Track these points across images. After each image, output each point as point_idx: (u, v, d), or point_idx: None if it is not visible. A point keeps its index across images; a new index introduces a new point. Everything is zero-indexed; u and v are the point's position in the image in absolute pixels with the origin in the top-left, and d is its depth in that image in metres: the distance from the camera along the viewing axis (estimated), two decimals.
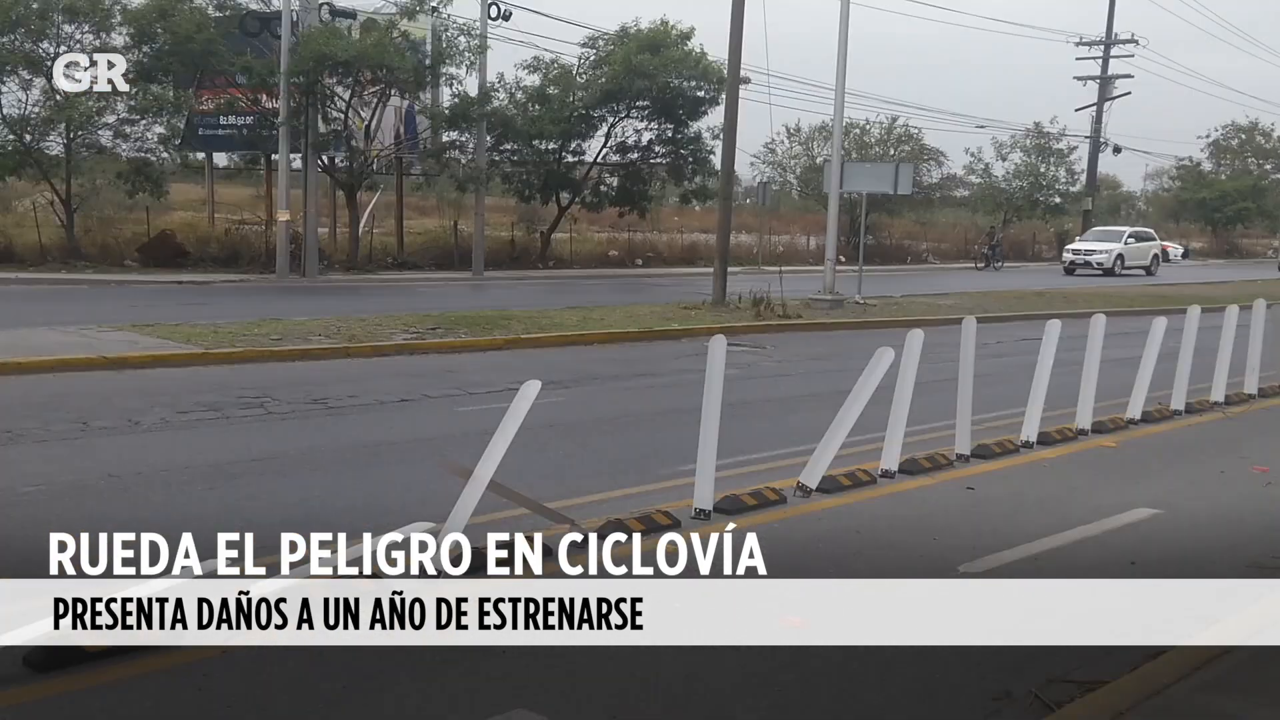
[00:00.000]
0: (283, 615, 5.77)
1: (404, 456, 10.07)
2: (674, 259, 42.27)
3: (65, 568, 5.30)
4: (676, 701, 5.01)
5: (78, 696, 4.81)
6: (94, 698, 4.81)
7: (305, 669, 5.20)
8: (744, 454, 10.07)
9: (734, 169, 27.60)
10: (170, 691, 4.91)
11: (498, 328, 19.04)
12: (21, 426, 10.38)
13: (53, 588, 5.58)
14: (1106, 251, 45.42)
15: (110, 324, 17.05)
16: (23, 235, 30.18)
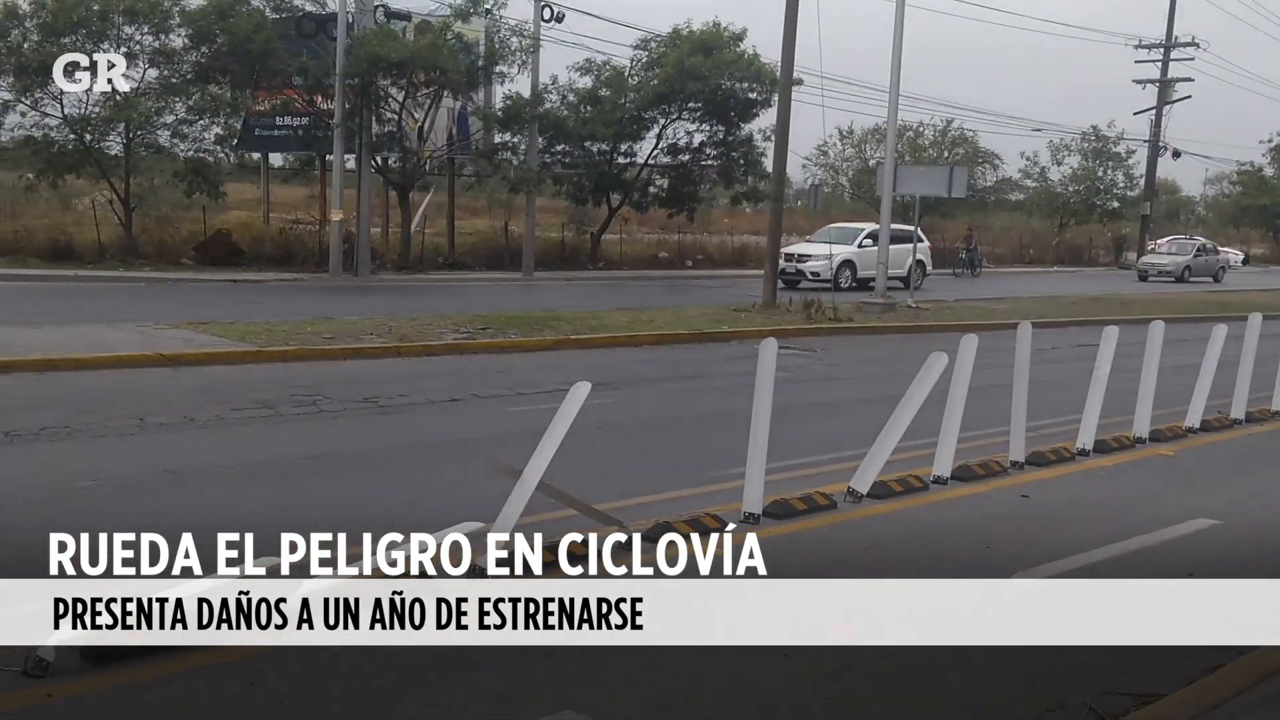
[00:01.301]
0: (331, 613, 5.82)
1: (453, 456, 10.11)
2: (724, 261, 42.16)
3: (113, 565, 5.36)
4: (723, 705, 4.98)
5: (133, 689, 4.86)
6: (149, 690, 4.86)
7: (356, 666, 5.22)
8: (794, 458, 10.00)
9: (785, 171, 27.47)
10: (224, 685, 4.95)
11: (547, 328, 19.08)
12: (80, 422, 10.54)
13: (116, 587, 5.67)
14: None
15: (167, 322, 17.28)
16: (82, 233, 30.68)
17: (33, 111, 28.96)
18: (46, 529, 7.28)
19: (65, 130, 29.18)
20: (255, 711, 4.72)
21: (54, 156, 29.06)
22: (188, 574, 5.88)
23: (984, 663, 5.63)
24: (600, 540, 7.08)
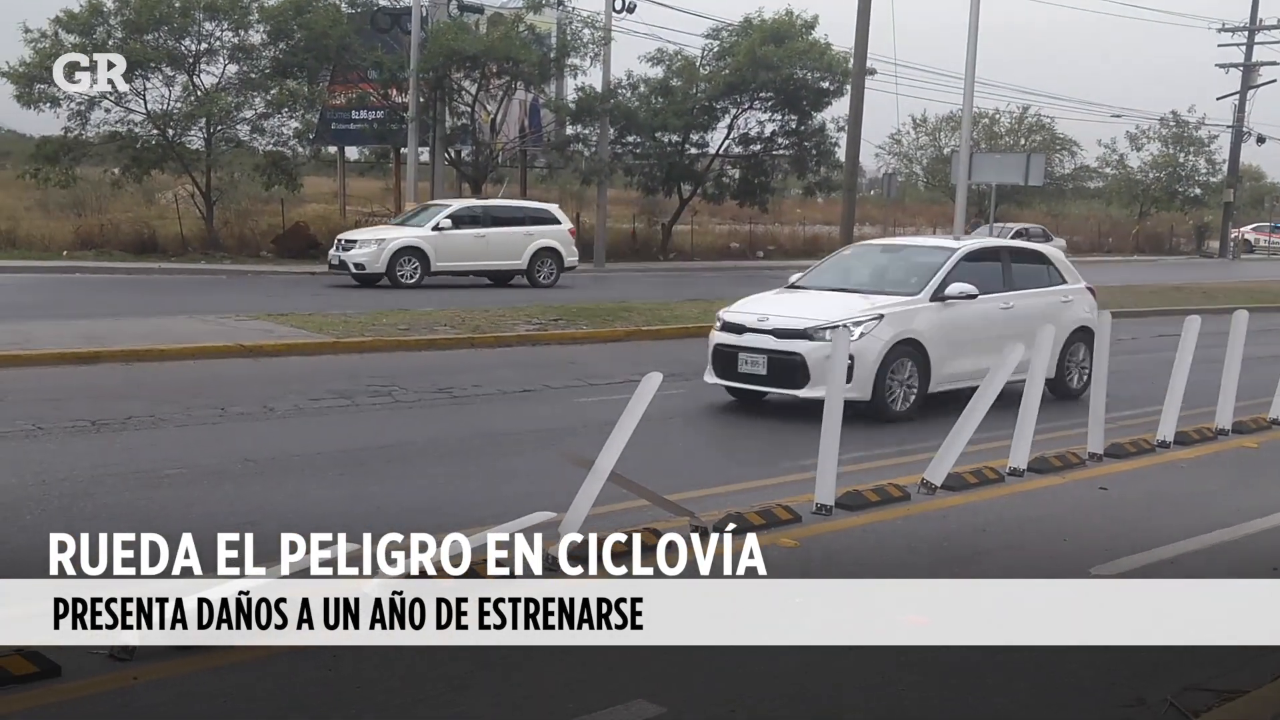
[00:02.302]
0: (415, 607, 5.91)
1: (525, 446, 10.20)
2: (795, 251, 41.94)
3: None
4: (793, 697, 4.97)
5: (215, 674, 4.98)
6: (231, 674, 4.97)
7: (432, 654, 5.29)
8: (867, 449, 9.95)
9: (858, 160, 27.31)
10: (303, 672, 5.05)
11: (619, 319, 19.13)
12: (164, 411, 10.79)
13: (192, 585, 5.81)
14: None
15: (247, 313, 17.62)
16: (165, 227, 31.37)
17: (117, 108, 29.65)
18: (134, 517, 7.50)
19: (149, 126, 29.83)
20: (331, 698, 4.81)
21: (138, 152, 29.74)
22: (264, 564, 6.01)
23: (1061, 658, 5.56)
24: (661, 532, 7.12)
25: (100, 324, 15.83)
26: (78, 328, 15.35)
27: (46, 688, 4.75)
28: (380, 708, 4.72)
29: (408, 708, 4.74)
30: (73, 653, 5.07)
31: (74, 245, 29.19)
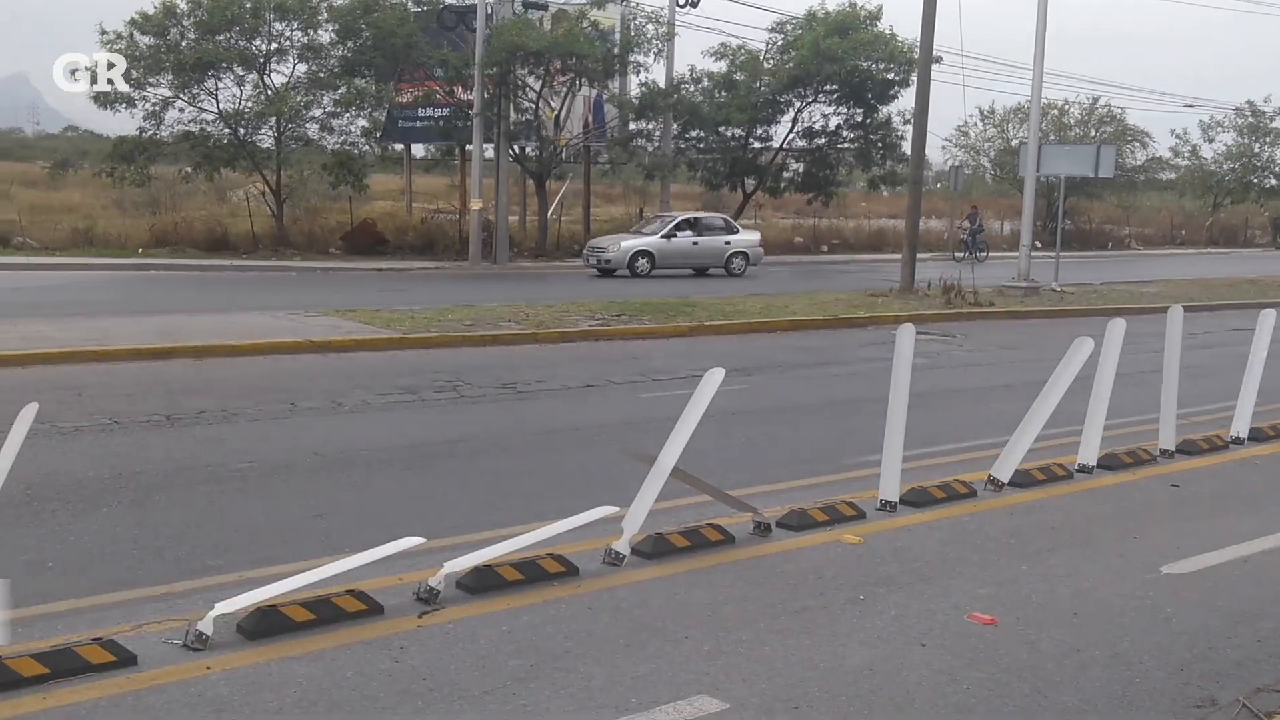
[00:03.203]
0: (474, 593, 5.98)
1: (588, 441, 10.24)
2: (860, 245, 41.64)
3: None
4: (858, 695, 4.95)
5: (285, 663, 5.07)
6: (301, 664, 5.06)
7: (496, 646, 5.35)
8: (932, 445, 9.87)
9: (924, 153, 27.01)
10: (369, 661, 5.13)
11: (681, 315, 19.14)
12: (236, 406, 10.99)
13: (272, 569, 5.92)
14: None
15: (316, 309, 17.88)
16: (237, 224, 31.90)
17: (190, 107, 30.19)
18: (207, 509, 7.66)
19: (220, 125, 30.33)
20: (397, 687, 4.88)
21: (210, 150, 30.25)
22: (332, 556, 6.11)
23: (1131, 655, 5.48)
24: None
25: (174, 320, 16.16)
26: (152, 324, 15.68)
27: (124, 676, 4.87)
28: (446, 699, 4.78)
29: (474, 700, 4.79)
30: (149, 642, 5.20)
31: (149, 243, 29.77)
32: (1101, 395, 9.14)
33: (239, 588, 5.72)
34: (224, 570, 6.32)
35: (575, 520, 6.57)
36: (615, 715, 4.68)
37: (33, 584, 6.03)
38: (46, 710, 4.54)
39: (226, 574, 6.24)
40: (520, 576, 6.15)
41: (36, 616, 5.57)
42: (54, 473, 8.19)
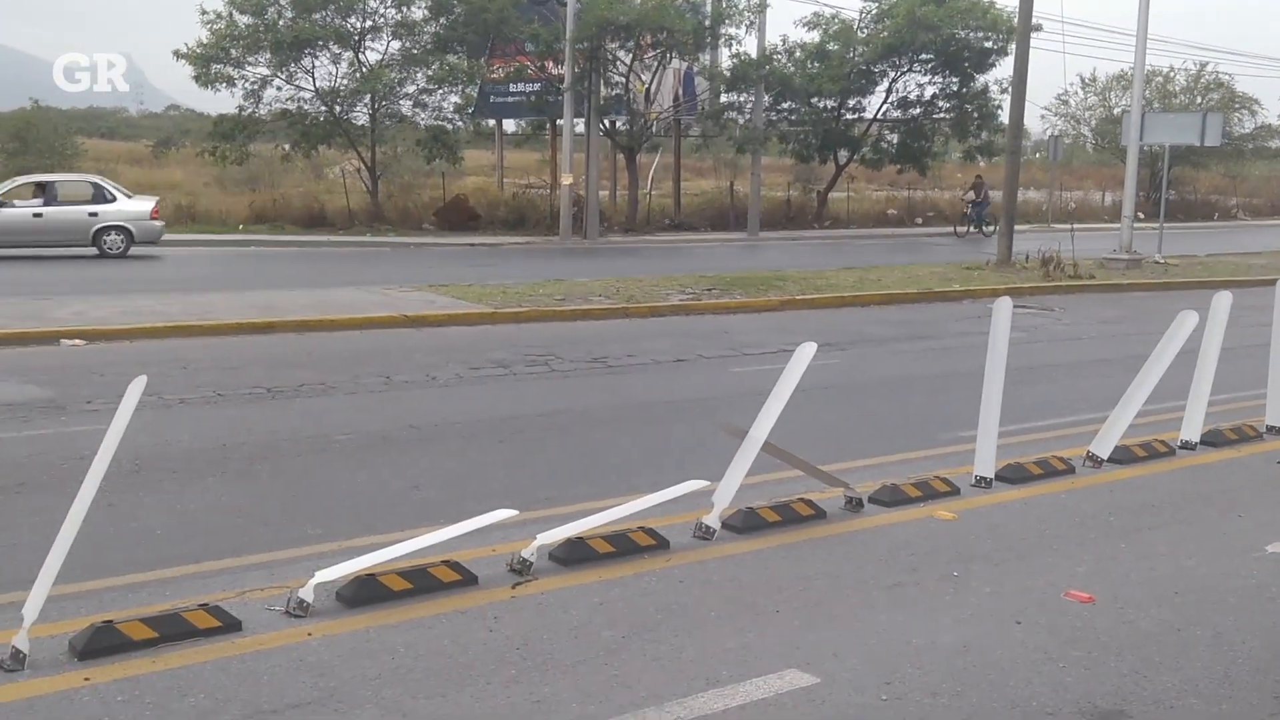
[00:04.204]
0: (566, 565, 6.05)
1: (679, 415, 10.26)
2: (956, 217, 40.91)
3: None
4: (952, 672, 4.91)
5: (383, 631, 5.19)
6: (397, 633, 5.17)
7: (588, 617, 5.40)
8: (1029, 421, 9.71)
9: (1023, 122, 26.44)
10: (464, 630, 5.22)
11: (772, 288, 19.04)
12: (334, 380, 11.22)
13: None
14: None
15: (410, 284, 18.14)
16: (333, 201, 32.46)
17: (288, 85, 30.74)
18: (307, 480, 7.84)
19: (317, 103, 30.83)
20: (492, 656, 4.95)
21: (307, 128, 30.79)
22: (428, 527, 6.22)
23: (1234, 636, 5.35)
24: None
25: (274, 295, 16.52)
26: (253, 299, 16.05)
27: (229, 641, 5.02)
28: (539, 668, 4.84)
29: (567, 669, 4.85)
30: (253, 608, 5.35)
31: (249, 219, 30.43)
32: (1206, 370, 8.90)
33: (338, 556, 5.85)
34: (324, 539, 6.47)
35: (666, 494, 6.60)
36: (706, 687, 4.71)
37: (142, 551, 6.25)
38: (156, 673, 4.70)
39: (326, 543, 6.39)
40: (611, 549, 6.20)
41: (146, 582, 5.77)
42: (161, 443, 8.45)
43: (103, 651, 4.81)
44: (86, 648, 4.82)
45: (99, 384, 10.60)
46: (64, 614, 5.17)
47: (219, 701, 4.49)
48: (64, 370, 11.36)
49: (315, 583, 5.38)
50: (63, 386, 10.54)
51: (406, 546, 5.74)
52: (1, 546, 6.18)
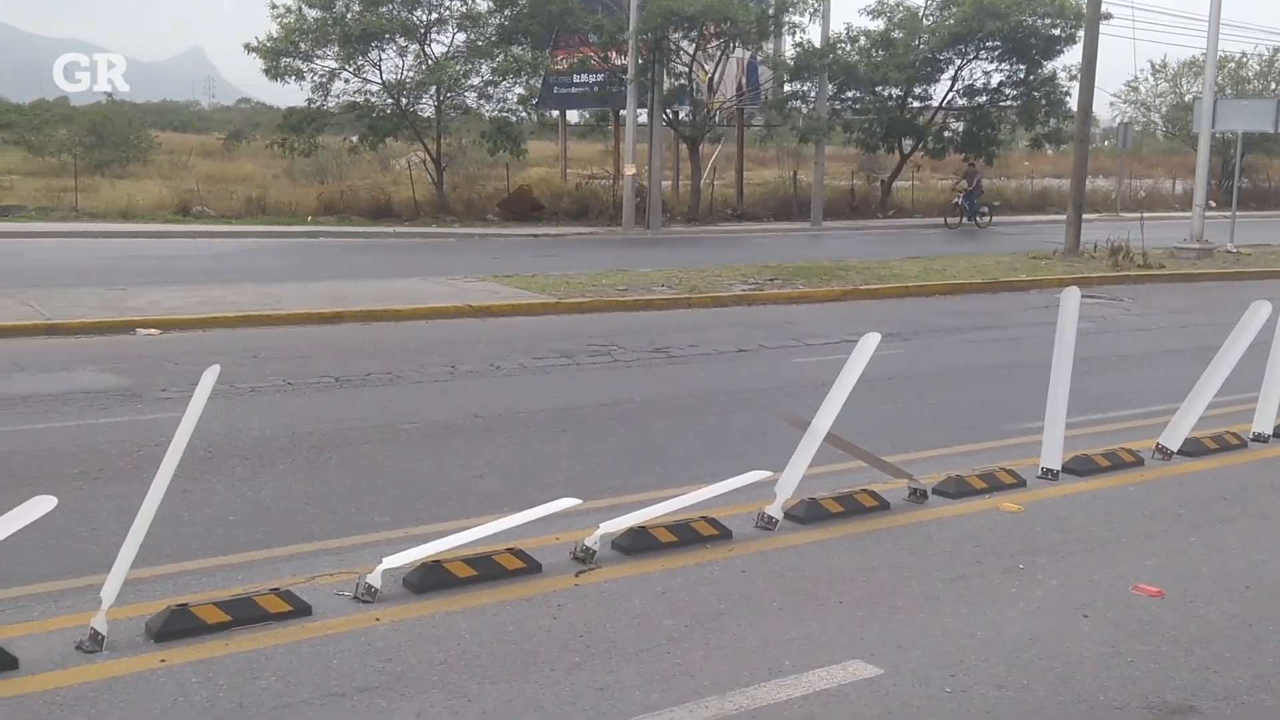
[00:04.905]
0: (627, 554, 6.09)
1: (741, 405, 10.26)
2: (1023, 206, 40.39)
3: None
4: (1017, 664, 4.88)
5: (449, 616, 5.26)
6: (462, 619, 5.24)
7: (651, 606, 5.44)
8: (1096, 412, 9.59)
9: (1091, 109, 26.00)
10: (528, 617, 5.28)
11: (835, 278, 18.94)
12: (400, 369, 11.36)
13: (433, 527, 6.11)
14: None
15: (474, 275, 18.28)
16: (399, 192, 32.75)
17: (355, 78, 31.06)
18: (374, 468, 7.95)
19: (384, 95, 31.12)
20: (556, 643, 5.01)
21: (374, 121, 31.07)
22: (492, 516, 6.29)
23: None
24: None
25: (342, 286, 16.74)
26: (321, 289, 16.28)
27: (299, 625, 5.12)
28: (603, 656, 4.89)
29: (630, 657, 4.89)
30: (322, 593, 5.45)
31: (317, 211, 30.80)
32: (1279, 361, 8.72)
33: (405, 543, 5.94)
34: (391, 526, 6.58)
35: (728, 484, 6.62)
36: (769, 677, 4.72)
37: (215, 536, 6.39)
38: (229, 655, 4.81)
39: (393, 530, 6.49)
40: (674, 538, 6.23)
41: (218, 567, 5.91)
42: (233, 431, 8.62)
43: (178, 634, 4.93)
44: (162, 630, 4.95)
45: (173, 372, 10.84)
46: (140, 597, 5.31)
47: (289, 684, 4.59)
48: (139, 359, 11.62)
49: (383, 569, 5.47)
50: (138, 375, 10.78)
51: (471, 534, 5.82)
52: (81, 531, 6.35)
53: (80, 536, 6.27)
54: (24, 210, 28.34)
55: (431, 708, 4.42)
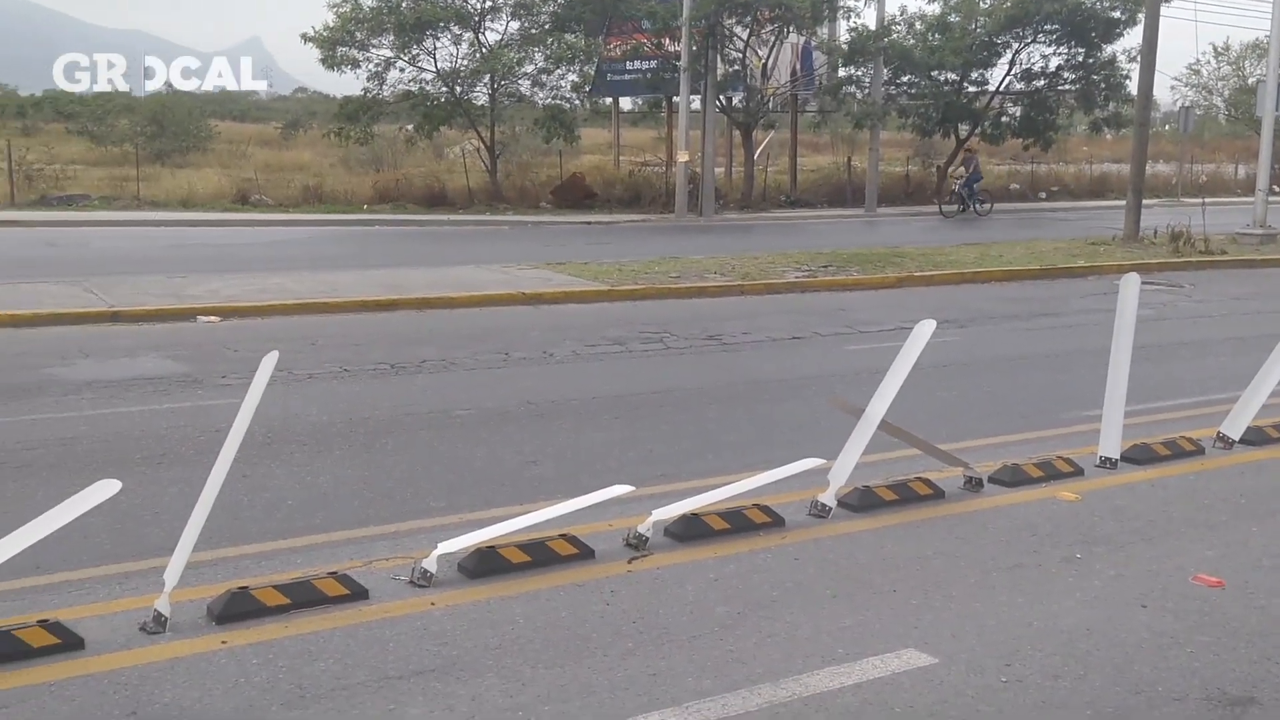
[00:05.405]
0: (681, 541, 6.11)
1: (794, 393, 10.23)
2: (1081, 191, 39.83)
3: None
4: (1073, 655, 4.84)
5: (504, 602, 5.31)
6: (516, 604, 5.28)
7: (703, 593, 5.45)
8: (1156, 400, 9.46)
9: (1152, 93, 25.56)
10: (582, 603, 5.31)
11: (890, 265, 18.80)
12: (454, 356, 11.45)
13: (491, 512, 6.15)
14: None
15: (528, 262, 18.36)
16: (453, 180, 32.94)
17: (410, 67, 31.25)
18: (429, 454, 8.03)
19: (438, 84, 31.28)
20: (609, 629, 5.04)
21: (429, 109, 31.25)
22: (544, 502, 6.33)
23: None
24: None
25: (397, 273, 16.89)
26: (377, 277, 16.43)
27: (356, 609, 5.19)
28: (655, 642, 4.91)
29: (683, 644, 4.90)
30: (378, 577, 5.52)
31: (373, 199, 31.07)
32: None
33: (460, 529, 6.00)
34: (446, 512, 6.64)
35: (781, 471, 6.61)
36: (822, 665, 4.72)
37: (274, 520, 6.49)
38: (288, 637, 4.89)
39: (448, 515, 6.55)
40: (726, 526, 6.23)
41: (277, 550, 6.00)
42: (291, 417, 8.74)
43: (238, 616, 5.02)
44: (223, 612, 5.04)
45: (233, 359, 11.00)
46: (202, 579, 5.41)
47: (347, 666, 4.66)
48: (200, 346, 11.81)
49: (438, 554, 5.53)
50: (199, 362, 10.96)
51: (525, 520, 5.86)
52: (144, 514, 6.47)
53: (144, 520, 6.39)
54: (88, 199, 28.87)
55: (486, 691, 4.46)
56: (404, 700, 4.40)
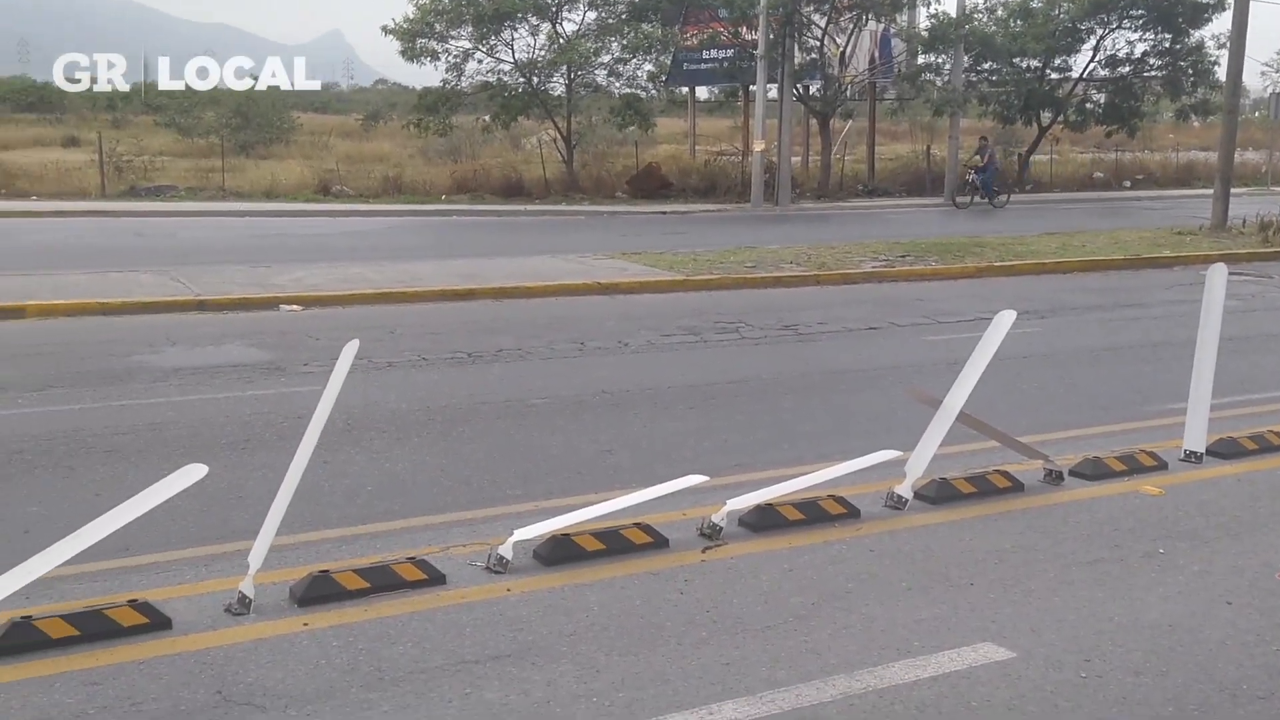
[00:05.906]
0: (755, 531, 6.10)
1: (871, 383, 10.15)
2: (1167, 180, 38.97)
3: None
4: (1155, 651, 4.75)
5: (578, 589, 5.35)
6: (591, 592, 5.32)
7: (778, 583, 5.44)
8: (1244, 394, 9.25)
9: (1241, 79, 24.89)
10: (656, 591, 5.34)
11: (969, 255, 18.56)
12: (530, 345, 11.54)
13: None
14: None
15: (603, 252, 18.44)
16: (530, 170, 33.18)
17: (488, 58, 31.51)
18: (505, 442, 8.11)
19: (516, 75, 31.50)
20: (682, 618, 5.05)
21: (506, 100, 31.50)
22: (619, 491, 6.36)
23: None
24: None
25: (474, 263, 17.06)
26: (455, 267, 16.61)
27: (434, 594, 5.27)
28: (729, 632, 4.91)
29: (757, 633, 4.90)
30: (455, 563, 5.60)
31: (451, 190, 31.41)
32: None
33: (536, 516, 6.05)
34: (522, 499, 6.71)
35: (857, 463, 6.57)
36: (897, 657, 4.69)
37: (353, 506, 6.60)
38: (368, 620, 4.98)
39: (524, 503, 6.61)
40: (801, 516, 6.22)
41: (357, 535, 6.11)
42: (371, 404, 8.87)
43: (319, 599, 5.12)
44: (305, 595, 5.14)
45: (315, 347, 11.20)
46: (284, 563, 5.52)
47: (425, 650, 4.73)
48: (283, 334, 12.03)
49: (514, 541, 5.59)
50: (282, 350, 11.17)
51: (600, 509, 5.90)
52: (230, 499, 6.63)
53: (229, 504, 6.54)
54: (175, 190, 29.55)
55: (561, 677, 4.51)
56: (480, 684, 4.46)
